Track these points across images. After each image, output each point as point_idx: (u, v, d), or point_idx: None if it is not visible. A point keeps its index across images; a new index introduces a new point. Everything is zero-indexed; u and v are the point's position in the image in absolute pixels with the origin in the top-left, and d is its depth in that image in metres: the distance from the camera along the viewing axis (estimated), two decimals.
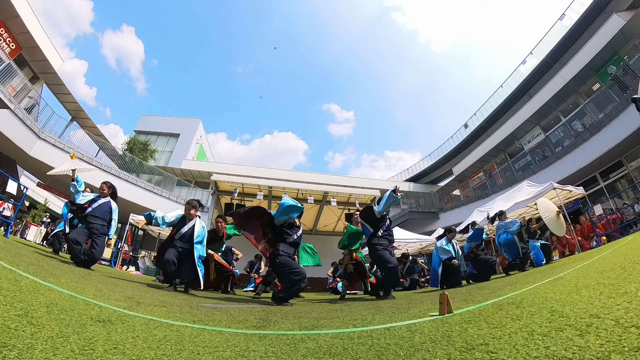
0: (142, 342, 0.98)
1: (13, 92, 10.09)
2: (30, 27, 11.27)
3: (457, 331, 1.13)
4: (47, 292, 1.46)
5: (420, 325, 1.33)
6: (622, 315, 0.95)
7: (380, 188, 17.44)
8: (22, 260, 2.45)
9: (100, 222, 4.09)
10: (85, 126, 15.12)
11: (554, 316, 1.10)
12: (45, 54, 12.29)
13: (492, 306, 1.60)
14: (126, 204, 13.41)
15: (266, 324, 1.66)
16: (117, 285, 2.74)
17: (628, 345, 0.71)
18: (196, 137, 23.30)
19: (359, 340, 1.16)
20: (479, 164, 18.04)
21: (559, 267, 3.57)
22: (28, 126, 10.25)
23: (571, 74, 12.46)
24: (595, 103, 11.13)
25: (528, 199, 7.84)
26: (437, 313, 1.55)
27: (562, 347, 0.77)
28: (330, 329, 1.44)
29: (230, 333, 1.31)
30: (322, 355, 0.97)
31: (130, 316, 1.38)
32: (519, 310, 1.33)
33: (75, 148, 12.19)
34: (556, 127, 13.27)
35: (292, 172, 20.74)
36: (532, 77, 15.30)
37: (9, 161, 10.89)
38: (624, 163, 10.21)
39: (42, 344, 0.80)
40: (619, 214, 8.18)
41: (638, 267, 1.86)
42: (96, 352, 0.82)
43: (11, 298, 1.18)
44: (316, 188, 8.55)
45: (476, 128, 18.49)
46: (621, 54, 11.15)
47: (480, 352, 0.85)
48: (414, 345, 1.01)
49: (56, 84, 13.80)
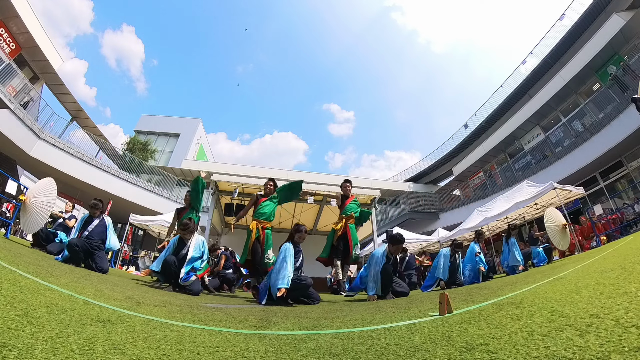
0: (142, 342, 0.98)
1: (13, 92, 10.09)
2: (30, 27, 11.28)
3: (457, 331, 1.13)
4: (47, 292, 1.46)
5: (420, 325, 1.33)
6: (622, 315, 0.95)
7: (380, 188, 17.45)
8: (22, 260, 2.45)
9: (99, 243, 4.11)
10: (85, 126, 15.13)
11: (554, 316, 1.10)
12: (45, 54, 12.30)
13: (492, 306, 1.60)
14: (126, 204, 13.42)
15: (266, 324, 1.66)
16: (117, 285, 2.74)
17: (628, 345, 0.71)
18: (196, 137, 23.32)
19: (359, 340, 1.16)
20: (479, 164, 18.05)
21: (559, 267, 3.57)
22: (28, 126, 10.25)
23: (571, 74, 12.47)
24: (595, 103, 11.14)
25: (528, 199, 7.85)
26: (437, 313, 1.55)
27: (562, 347, 0.77)
28: (330, 329, 1.44)
29: (230, 333, 1.31)
30: (322, 355, 0.97)
31: (130, 316, 1.38)
32: (519, 310, 1.33)
33: (75, 148, 12.20)
34: (556, 127, 13.28)
35: (292, 172, 20.76)
36: (532, 77, 15.31)
37: (9, 161, 10.89)
38: (624, 163, 10.22)
39: (42, 344, 0.80)
40: (619, 214, 8.19)
41: (638, 267, 1.86)
42: (96, 352, 0.82)
43: (11, 298, 1.18)
44: (316, 188, 8.55)
45: (476, 128, 18.51)
46: (621, 54, 11.16)
47: (480, 352, 0.85)
48: (414, 345, 1.01)
49: (56, 84, 13.81)
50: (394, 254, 3.73)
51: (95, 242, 4.06)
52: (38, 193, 4.78)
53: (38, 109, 11.50)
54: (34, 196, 4.70)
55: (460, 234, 10.31)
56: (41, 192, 4.82)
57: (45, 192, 4.86)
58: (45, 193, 4.85)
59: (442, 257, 5.13)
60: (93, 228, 4.15)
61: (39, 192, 4.81)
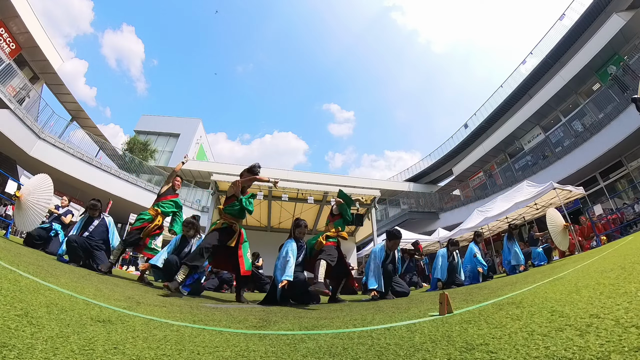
0: (142, 342, 0.98)
1: (13, 92, 10.09)
2: (30, 27, 11.28)
3: (457, 331, 1.13)
4: (47, 292, 1.46)
5: (420, 325, 1.33)
6: (622, 315, 0.95)
7: (380, 188, 17.43)
8: (22, 260, 2.45)
9: (100, 242, 4.08)
10: (85, 126, 15.12)
11: (554, 316, 1.10)
12: (45, 54, 12.30)
13: (492, 306, 1.60)
14: (126, 204, 13.42)
15: (266, 324, 1.66)
16: (117, 285, 2.74)
17: (628, 345, 0.71)
18: (196, 137, 23.32)
19: (359, 340, 1.16)
20: (479, 164, 18.05)
21: (559, 267, 3.57)
22: (28, 126, 10.25)
23: (571, 74, 12.47)
24: (595, 103, 11.13)
25: (528, 199, 7.85)
26: (437, 313, 1.55)
27: (562, 347, 0.77)
28: (330, 329, 1.44)
29: (230, 333, 1.31)
30: (322, 355, 0.97)
31: (130, 316, 1.38)
32: (519, 310, 1.33)
33: (75, 148, 12.20)
34: (556, 127, 13.28)
35: (292, 172, 20.75)
36: (532, 77, 15.31)
37: (9, 161, 10.89)
38: (624, 163, 10.22)
39: (42, 344, 0.80)
40: (619, 214, 8.19)
41: (638, 267, 1.86)
42: (96, 352, 0.82)
43: (11, 298, 1.18)
44: (316, 188, 8.55)
45: (476, 128, 18.50)
46: (621, 54, 11.15)
47: (480, 352, 0.85)
48: (414, 345, 1.01)
49: (56, 84, 13.81)
50: (392, 249, 3.72)
51: (97, 242, 4.04)
52: (33, 190, 4.55)
53: (38, 109, 11.49)
54: (29, 193, 4.50)
55: (460, 234, 10.31)
56: (37, 189, 4.58)
57: (41, 189, 4.61)
58: (40, 190, 4.60)
59: (440, 257, 5.14)
60: (94, 228, 4.13)
61: (34, 188, 4.56)
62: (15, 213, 4.62)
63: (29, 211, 4.44)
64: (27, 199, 4.46)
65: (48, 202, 4.65)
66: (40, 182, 4.70)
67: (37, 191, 4.58)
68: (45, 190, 4.66)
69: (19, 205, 4.47)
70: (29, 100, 11.20)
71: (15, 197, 4.53)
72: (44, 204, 4.55)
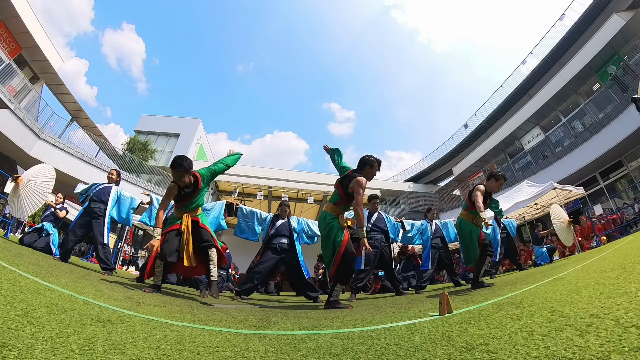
0: (142, 342, 0.98)
1: (13, 92, 10.08)
2: (30, 27, 11.27)
3: (457, 331, 1.13)
4: (47, 292, 1.46)
5: (420, 325, 1.33)
6: (622, 315, 0.95)
7: (380, 188, 17.42)
8: (22, 260, 2.45)
9: (99, 206, 4.04)
10: (86, 126, 15.11)
11: (554, 316, 1.10)
12: (45, 54, 12.29)
13: (492, 306, 1.60)
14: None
15: (266, 324, 1.66)
16: (117, 285, 2.74)
17: (628, 345, 0.71)
18: (196, 137, 23.29)
19: (359, 340, 1.16)
20: (479, 164, 18.04)
21: (559, 267, 3.57)
22: (28, 126, 10.25)
23: (571, 74, 12.47)
24: (595, 103, 11.13)
25: (528, 199, 7.85)
26: (437, 313, 1.55)
27: (562, 347, 0.77)
28: (330, 329, 1.44)
29: (230, 333, 1.31)
30: (322, 355, 0.97)
31: (130, 316, 1.38)
32: (519, 310, 1.33)
33: (75, 148, 12.19)
34: (556, 127, 13.27)
35: (292, 172, 20.71)
36: (532, 77, 15.30)
37: (9, 161, 10.89)
38: (624, 163, 10.21)
39: (42, 344, 0.80)
40: (619, 214, 8.19)
41: (638, 267, 1.86)
42: (96, 352, 0.82)
43: (11, 298, 1.18)
44: (316, 188, 8.55)
45: (476, 128, 18.49)
46: (621, 54, 11.15)
47: (480, 352, 0.85)
48: (414, 345, 1.01)
49: (56, 84, 13.80)
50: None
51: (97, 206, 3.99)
52: (34, 176, 4.39)
53: (38, 109, 11.49)
54: (29, 178, 4.35)
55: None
56: (38, 177, 4.41)
57: (42, 178, 4.43)
58: (42, 179, 4.42)
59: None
60: (98, 189, 4.10)
61: (35, 175, 4.41)
62: (10, 196, 4.44)
63: (25, 198, 4.29)
64: (26, 184, 4.32)
65: (47, 192, 4.52)
66: (43, 171, 4.60)
67: (39, 179, 4.45)
68: (46, 181, 4.51)
69: (16, 189, 4.31)
70: (29, 100, 11.19)
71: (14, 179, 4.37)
72: (41, 194, 4.41)
